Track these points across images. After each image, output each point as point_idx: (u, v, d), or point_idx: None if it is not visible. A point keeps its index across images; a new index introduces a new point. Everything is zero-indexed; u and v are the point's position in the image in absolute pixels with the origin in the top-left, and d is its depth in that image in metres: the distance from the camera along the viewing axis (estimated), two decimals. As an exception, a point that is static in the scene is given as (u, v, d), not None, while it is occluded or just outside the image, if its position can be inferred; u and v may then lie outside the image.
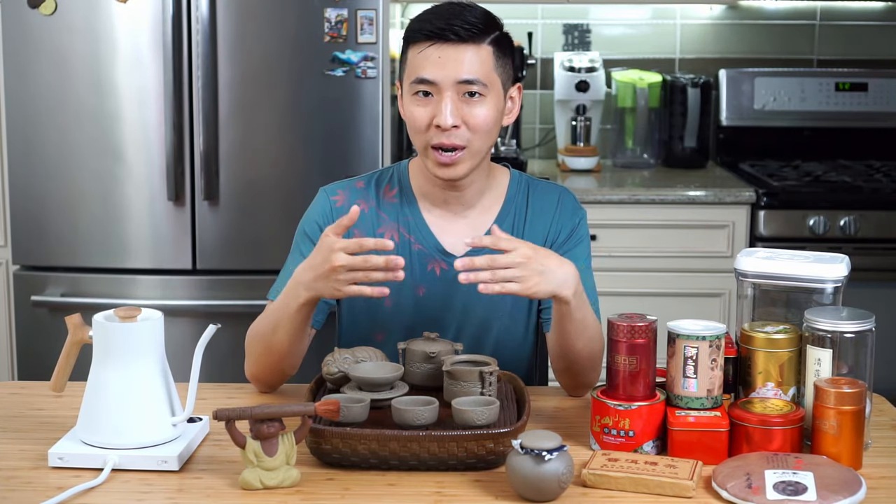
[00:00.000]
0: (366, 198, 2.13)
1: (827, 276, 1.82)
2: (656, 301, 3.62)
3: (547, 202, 2.14)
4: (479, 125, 1.99)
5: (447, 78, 1.97)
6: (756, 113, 4.21)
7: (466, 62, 1.97)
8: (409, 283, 2.08)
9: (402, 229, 2.10)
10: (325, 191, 2.15)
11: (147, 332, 1.74)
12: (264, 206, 3.41)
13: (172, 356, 1.82)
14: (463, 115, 1.98)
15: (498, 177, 2.16)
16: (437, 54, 1.97)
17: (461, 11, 1.99)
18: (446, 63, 1.96)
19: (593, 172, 4.03)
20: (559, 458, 1.59)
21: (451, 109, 1.97)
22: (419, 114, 2.00)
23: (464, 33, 1.96)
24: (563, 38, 4.25)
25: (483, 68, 1.98)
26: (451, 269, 2.06)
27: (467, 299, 2.09)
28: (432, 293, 2.10)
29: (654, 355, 1.78)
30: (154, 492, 1.65)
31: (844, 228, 3.65)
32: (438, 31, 1.96)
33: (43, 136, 3.39)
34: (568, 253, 2.07)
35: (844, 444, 1.71)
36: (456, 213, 2.11)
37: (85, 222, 3.41)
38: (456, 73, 1.97)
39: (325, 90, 3.35)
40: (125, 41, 3.35)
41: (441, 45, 1.97)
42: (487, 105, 1.99)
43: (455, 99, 1.97)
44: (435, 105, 1.98)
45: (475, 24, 1.97)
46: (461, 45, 1.97)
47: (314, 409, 1.67)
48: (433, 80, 1.97)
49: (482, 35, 1.98)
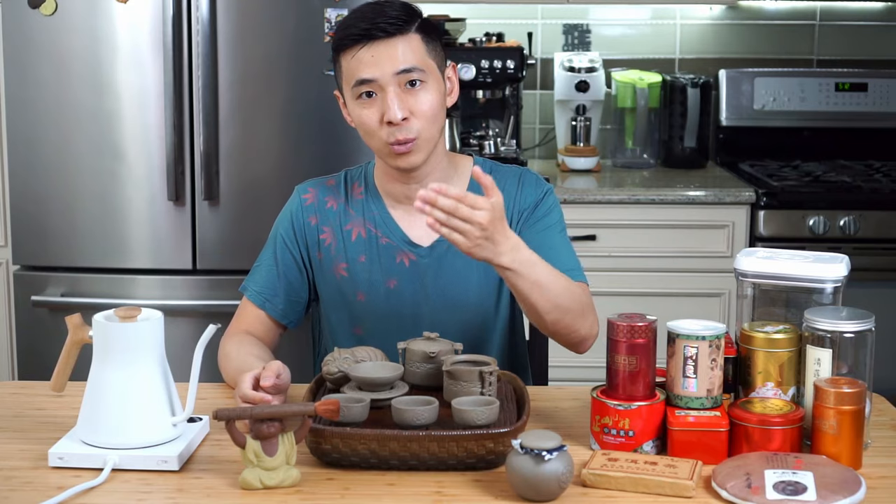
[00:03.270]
0: (335, 195, 2.19)
1: (827, 276, 1.82)
2: (656, 301, 3.62)
3: (509, 183, 2.17)
4: (426, 111, 2.03)
5: (385, 73, 2.00)
6: (756, 113, 4.21)
7: (400, 53, 2.01)
8: (380, 277, 2.13)
9: (368, 224, 2.15)
10: (299, 189, 2.23)
11: (147, 332, 1.74)
12: (264, 206, 3.41)
13: (172, 356, 1.82)
14: (409, 106, 2.02)
15: (461, 166, 2.19)
16: (369, 54, 2.01)
17: (381, 9, 2.04)
18: (380, 59, 2.00)
19: (593, 172, 4.03)
20: (559, 458, 1.59)
21: (397, 103, 2.00)
22: (367, 115, 2.03)
23: (390, 28, 2.00)
24: (563, 39, 4.25)
25: (416, 55, 2.02)
26: (419, 260, 2.13)
27: (438, 287, 2.13)
28: (403, 285, 2.13)
29: (654, 355, 1.78)
30: (154, 492, 1.65)
31: (844, 228, 3.65)
32: (365, 31, 2.01)
33: (43, 136, 3.39)
34: (538, 222, 2.12)
35: (844, 443, 1.71)
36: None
37: (85, 222, 3.41)
38: (392, 66, 2.00)
39: (325, 90, 3.35)
40: (125, 41, 3.35)
41: (371, 44, 2.01)
42: (429, 91, 2.03)
43: (398, 92, 2.01)
44: (381, 102, 2.02)
45: (398, 17, 2.02)
46: (390, 40, 2.01)
47: (314, 409, 1.67)
48: (373, 78, 2.01)
49: (407, 25, 2.03)
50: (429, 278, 2.13)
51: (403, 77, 2.01)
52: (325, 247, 2.15)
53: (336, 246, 2.15)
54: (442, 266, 2.12)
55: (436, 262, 2.13)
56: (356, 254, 2.14)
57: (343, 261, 2.14)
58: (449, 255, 2.12)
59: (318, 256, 2.16)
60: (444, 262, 2.13)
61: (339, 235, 2.15)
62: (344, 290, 2.15)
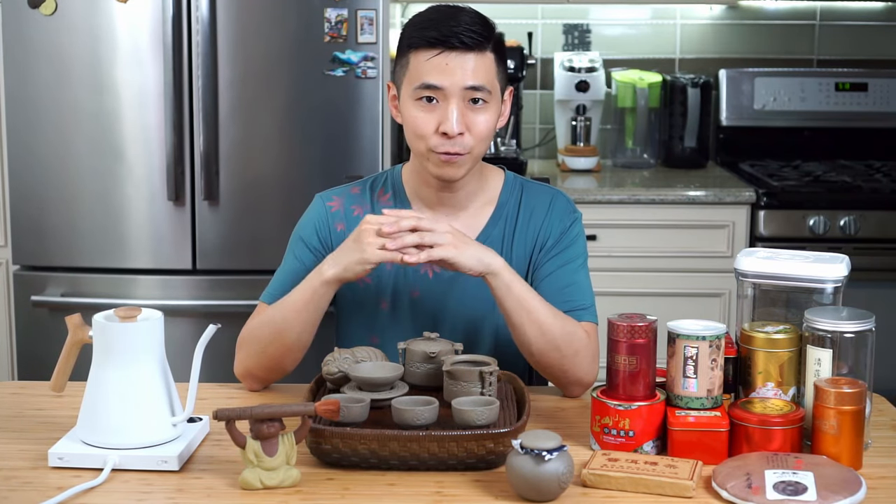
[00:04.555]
0: (361, 203, 2.15)
1: (827, 276, 1.82)
2: (656, 301, 3.62)
3: (538, 205, 2.14)
4: (482, 132, 2.02)
5: (454, 85, 1.98)
6: (756, 113, 4.21)
7: (472, 69, 1.99)
8: (403, 286, 2.11)
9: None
10: (321, 196, 2.18)
11: (147, 332, 1.74)
12: (264, 206, 3.41)
13: (172, 356, 1.82)
14: (467, 122, 2.00)
15: (491, 179, 2.17)
16: (444, 62, 1.98)
17: (460, 16, 2.00)
18: (454, 70, 1.98)
19: (593, 172, 4.03)
20: (559, 458, 1.59)
21: (457, 117, 1.98)
22: (423, 119, 2.01)
23: (469, 41, 1.98)
24: (563, 38, 4.25)
25: (488, 75, 2.01)
26: (443, 272, 2.10)
27: (461, 300, 2.11)
28: (426, 296, 2.11)
29: (654, 355, 1.78)
30: (154, 492, 1.65)
31: (844, 228, 3.65)
32: (444, 38, 1.98)
33: (43, 136, 3.39)
34: (559, 255, 2.09)
35: (844, 444, 1.71)
36: (448, 216, 2.11)
37: (85, 222, 3.41)
38: (463, 80, 1.98)
39: (325, 90, 3.35)
40: (125, 41, 3.35)
41: (448, 52, 1.98)
42: (489, 112, 2.02)
43: (461, 106, 1.99)
44: (441, 111, 2.00)
45: (479, 31, 1.99)
46: (467, 53, 1.99)
47: (314, 409, 1.67)
48: (441, 86, 1.99)
49: (485, 42, 2.00)
50: (451, 291, 2.11)
51: (470, 93, 1.99)
52: None
53: None
54: (465, 280, 2.09)
55: (459, 275, 2.09)
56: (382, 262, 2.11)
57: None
58: None
59: None
60: (467, 277, 2.09)
61: None
62: (366, 298, 2.12)
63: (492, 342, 2.12)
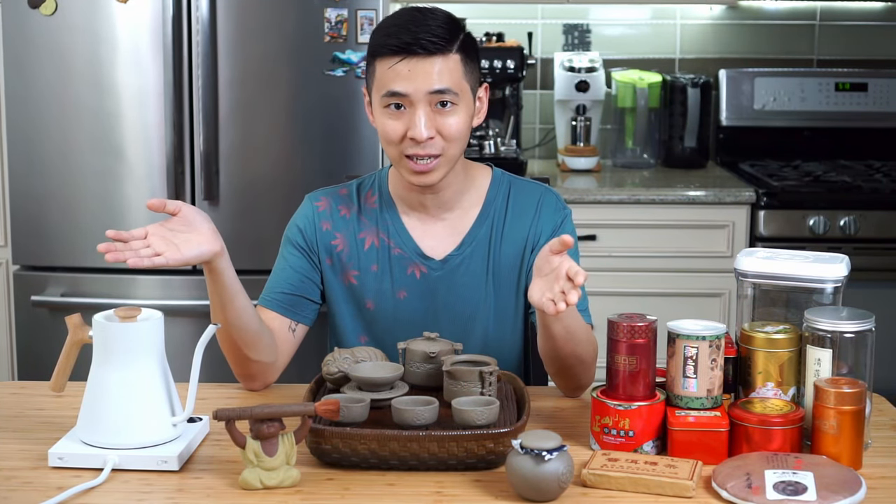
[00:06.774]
0: (348, 204, 2.15)
1: (827, 276, 1.82)
2: (656, 301, 3.62)
3: (527, 203, 2.14)
4: (453, 134, 2.00)
5: (418, 91, 1.96)
6: (756, 113, 4.21)
7: (436, 73, 1.97)
8: (390, 287, 2.11)
9: (381, 234, 2.12)
10: (310, 197, 2.18)
11: (147, 332, 1.74)
12: (264, 206, 3.41)
13: (172, 356, 1.82)
14: (437, 126, 1.98)
15: (478, 177, 2.16)
16: (406, 68, 1.96)
17: (425, 20, 1.98)
18: (416, 76, 1.96)
19: (593, 172, 4.02)
20: (559, 458, 1.59)
21: (424, 122, 1.97)
22: (392, 126, 2.00)
23: (431, 46, 1.96)
24: (563, 38, 4.25)
25: (453, 77, 1.98)
26: (430, 273, 2.11)
27: (448, 302, 2.11)
28: (413, 297, 2.12)
29: (654, 355, 1.78)
30: (154, 492, 1.65)
31: (844, 228, 3.65)
32: (406, 45, 1.95)
33: (43, 135, 3.39)
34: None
35: (844, 444, 1.71)
36: (434, 217, 2.11)
37: (85, 222, 3.41)
38: (427, 85, 1.96)
39: (325, 90, 3.35)
40: (125, 41, 3.35)
41: (409, 58, 1.96)
42: (459, 113, 2.00)
43: (428, 111, 1.98)
44: (408, 117, 1.98)
45: (441, 34, 1.97)
46: (430, 58, 1.96)
47: (314, 409, 1.67)
48: (405, 93, 1.97)
49: (449, 44, 1.98)
50: (438, 292, 2.11)
51: (436, 97, 1.97)
52: (336, 252, 2.13)
53: (348, 253, 2.12)
54: (453, 280, 2.10)
55: (447, 275, 2.10)
56: (368, 263, 2.12)
57: (354, 268, 2.12)
58: (460, 270, 2.10)
59: (327, 262, 2.13)
60: (455, 277, 2.10)
61: (353, 243, 2.12)
62: (353, 298, 2.13)
63: (481, 344, 2.12)
